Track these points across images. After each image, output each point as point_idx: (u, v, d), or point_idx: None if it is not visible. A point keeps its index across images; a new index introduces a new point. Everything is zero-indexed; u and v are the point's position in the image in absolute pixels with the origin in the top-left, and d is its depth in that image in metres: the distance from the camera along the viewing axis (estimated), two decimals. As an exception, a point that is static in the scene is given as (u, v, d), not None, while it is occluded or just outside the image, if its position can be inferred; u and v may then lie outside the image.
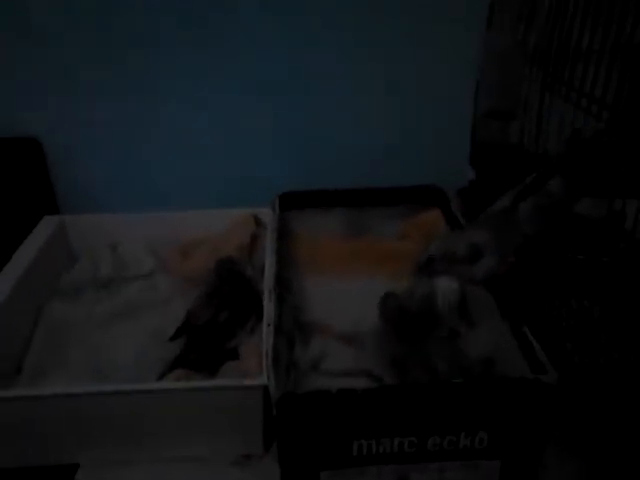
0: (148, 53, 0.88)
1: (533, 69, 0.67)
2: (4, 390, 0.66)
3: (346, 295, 0.71)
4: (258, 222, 0.87)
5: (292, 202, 0.84)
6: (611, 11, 0.57)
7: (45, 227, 0.86)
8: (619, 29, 0.56)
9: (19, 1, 0.84)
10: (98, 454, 0.63)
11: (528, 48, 0.68)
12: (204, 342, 0.71)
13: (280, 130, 0.94)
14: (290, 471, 0.56)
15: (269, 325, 0.61)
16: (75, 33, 0.86)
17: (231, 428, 0.62)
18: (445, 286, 0.61)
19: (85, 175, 0.95)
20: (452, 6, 0.85)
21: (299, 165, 0.95)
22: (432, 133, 0.92)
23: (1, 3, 0.84)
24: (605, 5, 0.58)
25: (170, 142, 0.95)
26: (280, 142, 0.95)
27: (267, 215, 0.83)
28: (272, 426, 0.58)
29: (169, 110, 0.92)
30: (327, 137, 0.95)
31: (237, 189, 0.92)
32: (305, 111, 0.93)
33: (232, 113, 0.92)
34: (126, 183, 0.96)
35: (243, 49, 0.88)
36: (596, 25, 0.60)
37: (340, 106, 0.93)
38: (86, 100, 0.91)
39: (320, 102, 0.92)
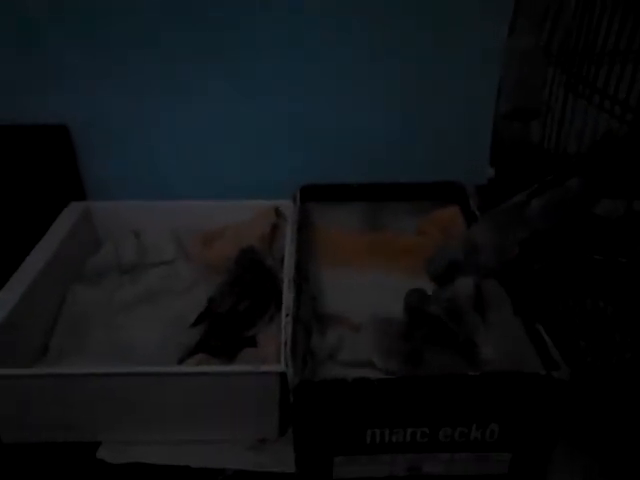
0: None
1: (557, 70, 0.68)
2: (31, 369, 0.68)
3: (362, 288, 0.73)
4: (279, 213, 0.89)
5: (313, 195, 0.86)
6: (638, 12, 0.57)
7: (71, 213, 0.88)
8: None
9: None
10: (118, 434, 0.65)
11: (552, 49, 0.68)
12: (224, 329, 0.73)
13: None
14: (305, 456, 0.58)
15: (288, 315, 0.62)
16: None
17: (248, 413, 0.64)
18: (463, 284, 0.62)
19: (112, 163, 0.97)
20: (475, 4, 0.85)
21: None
22: (453, 131, 0.92)
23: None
24: (633, 5, 0.58)
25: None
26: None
27: (288, 207, 0.85)
28: (288, 412, 0.60)
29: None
30: (340, 135, 0.95)
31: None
32: (320, 110, 0.93)
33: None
34: (150, 173, 0.98)
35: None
36: (623, 26, 0.60)
37: (352, 104, 0.93)
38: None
39: (331, 101, 0.92)
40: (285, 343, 0.59)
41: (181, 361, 0.70)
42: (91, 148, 0.95)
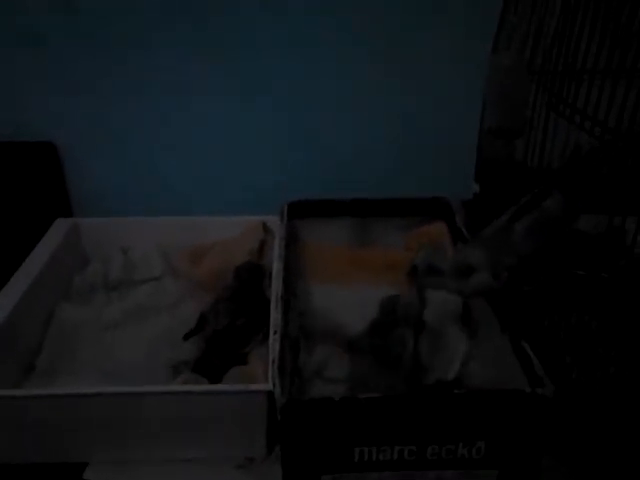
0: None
1: (539, 89, 0.69)
2: (17, 389, 0.68)
3: (350, 303, 0.73)
4: (267, 229, 0.89)
5: (300, 211, 0.86)
6: (616, 33, 0.59)
7: (58, 229, 0.88)
8: (623, 51, 0.58)
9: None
10: (106, 453, 0.65)
11: (534, 68, 0.70)
12: (223, 346, 0.73)
13: (281, 133, 0.95)
14: (293, 475, 0.57)
15: (276, 332, 0.62)
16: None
17: (236, 431, 0.64)
18: (440, 297, 0.63)
19: (98, 179, 0.97)
20: (465, 21, 0.86)
21: (301, 172, 0.96)
22: (440, 147, 0.94)
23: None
24: (611, 27, 0.60)
25: (178, 147, 0.96)
26: (281, 145, 0.96)
27: (276, 223, 0.85)
28: (275, 430, 0.60)
29: (177, 115, 0.94)
30: (333, 146, 0.96)
31: (239, 196, 0.94)
32: (306, 120, 0.94)
33: (233, 112, 0.94)
34: (138, 188, 0.98)
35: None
36: (602, 46, 0.61)
37: (346, 113, 0.94)
38: (96, 105, 0.92)
39: (330, 103, 0.93)
40: (273, 361, 0.59)
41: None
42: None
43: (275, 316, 0.65)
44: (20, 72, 0.90)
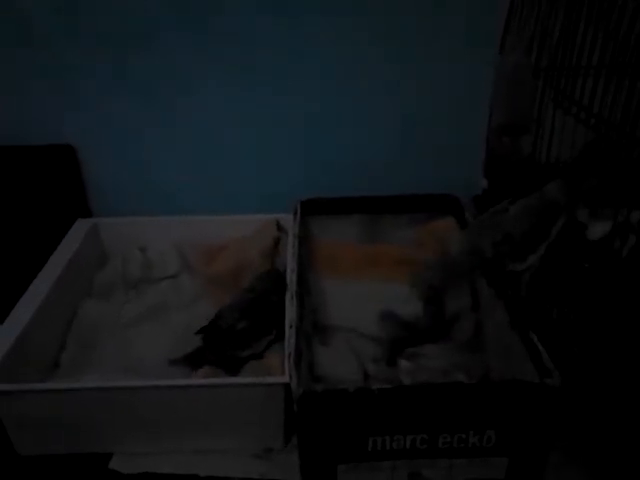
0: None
1: (546, 87, 0.70)
2: (44, 383, 0.70)
3: (362, 298, 0.75)
4: (280, 227, 0.91)
5: (313, 208, 0.88)
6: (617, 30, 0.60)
7: (79, 230, 0.90)
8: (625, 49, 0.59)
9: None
10: (130, 445, 0.67)
11: (541, 65, 0.71)
12: (220, 345, 0.74)
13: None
14: (309, 464, 0.59)
15: (291, 327, 0.65)
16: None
17: (254, 422, 0.66)
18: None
19: (116, 180, 0.99)
20: (470, 21, 0.87)
21: (306, 172, 0.97)
22: (449, 145, 0.94)
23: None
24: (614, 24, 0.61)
25: (191, 148, 0.97)
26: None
27: (289, 221, 0.87)
28: (292, 421, 0.62)
29: (184, 115, 0.95)
30: (338, 144, 0.96)
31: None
32: (311, 116, 0.95)
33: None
34: (153, 188, 1.00)
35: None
36: (606, 46, 0.62)
37: (351, 112, 0.95)
38: (112, 106, 0.94)
39: (329, 106, 0.94)
40: (289, 355, 0.61)
41: (174, 362, 0.73)
42: (94, 155, 0.97)
43: (290, 311, 0.67)
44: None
